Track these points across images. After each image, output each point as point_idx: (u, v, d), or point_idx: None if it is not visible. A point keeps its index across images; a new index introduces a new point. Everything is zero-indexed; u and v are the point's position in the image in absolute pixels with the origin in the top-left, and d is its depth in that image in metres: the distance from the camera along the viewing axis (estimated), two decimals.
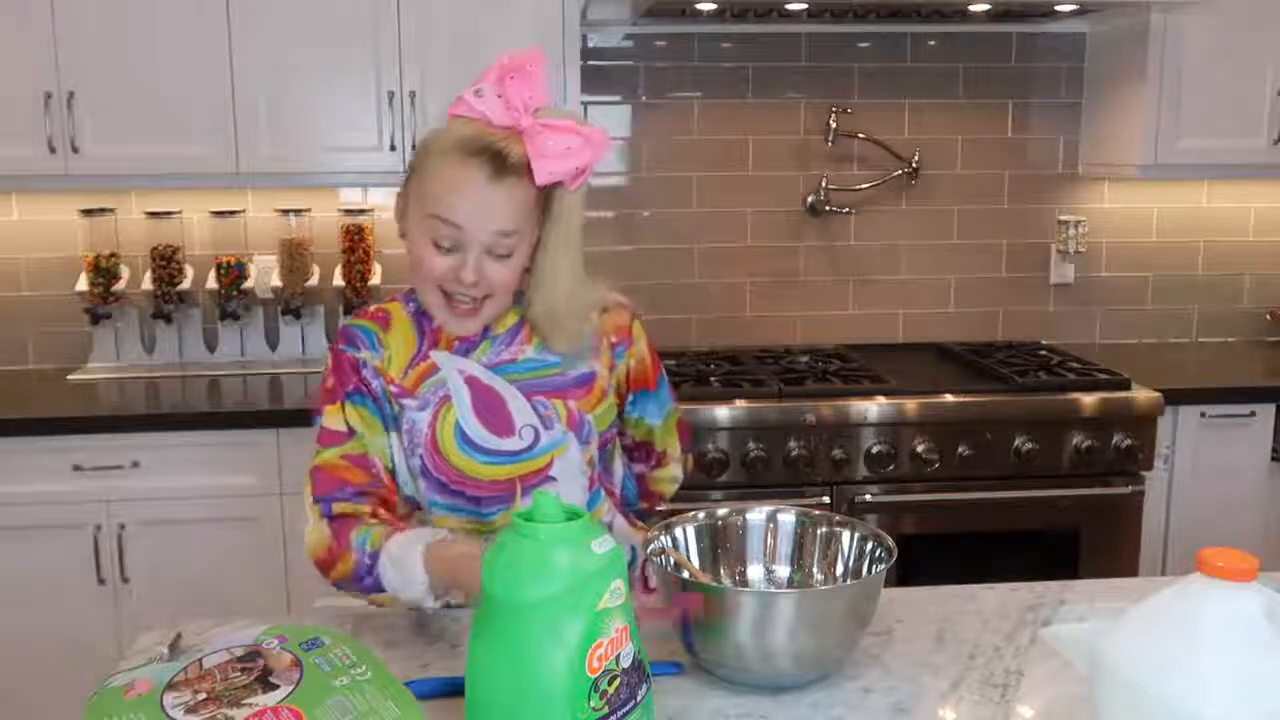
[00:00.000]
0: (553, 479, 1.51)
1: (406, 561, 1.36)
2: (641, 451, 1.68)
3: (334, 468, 1.48)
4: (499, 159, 1.38)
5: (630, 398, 1.61)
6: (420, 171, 1.45)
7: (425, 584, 1.35)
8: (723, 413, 2.65)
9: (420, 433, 1.50)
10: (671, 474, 1.71)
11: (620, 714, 1.06)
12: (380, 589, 1.41)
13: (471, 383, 1.50)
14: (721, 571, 1.43)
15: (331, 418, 1.50)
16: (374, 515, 1.46)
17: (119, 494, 2.61)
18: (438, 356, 1.51)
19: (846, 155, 3.27)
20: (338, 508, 1.46)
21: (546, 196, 1.44)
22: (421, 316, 1.53)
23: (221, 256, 3.04)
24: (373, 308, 1.56)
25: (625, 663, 1.06)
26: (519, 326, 1.54)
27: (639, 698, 1.08)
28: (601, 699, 1.04)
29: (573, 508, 1.10)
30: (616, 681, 1.05)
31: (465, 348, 1.52)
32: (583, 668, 1.02)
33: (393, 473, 1.52)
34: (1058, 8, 2.89)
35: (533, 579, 1.04)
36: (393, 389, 1.50)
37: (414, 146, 2.80)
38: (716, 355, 3.11)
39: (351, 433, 1.49)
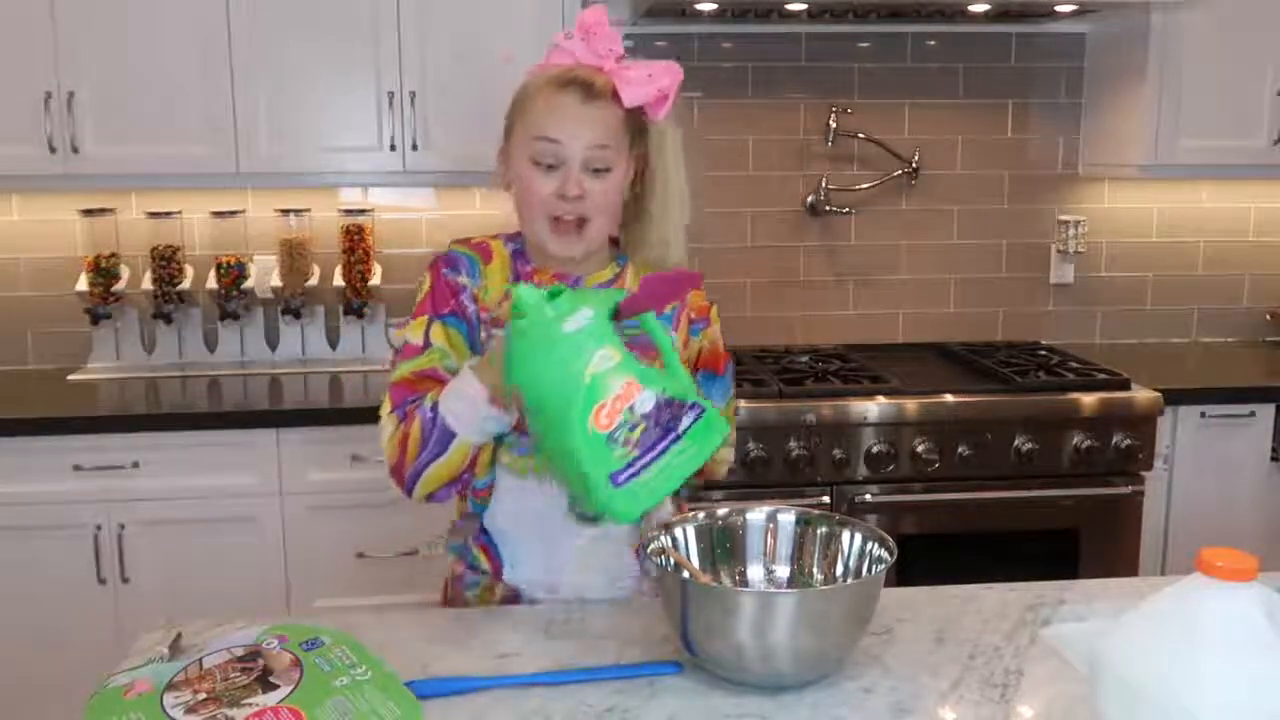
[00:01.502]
0: None
1: (461, 384, 1.42)
2: None
3: (410, 382, 1.51)
4: (588, 86, 1.49)
5: (697, 377, 1.63)
6: (520, 111, 1.54)
7: (485, 394, 1.39)
8: None
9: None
10: (725, 456, 1.73)
11: (658, 450, 1.20)
12: (447, 441, 1.43)
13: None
14: (721, 571, 1.43)
15: (415, 331, 1.54)
16: None
17: (119, 494, 2.61)
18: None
19: (846, 155, 3.27)
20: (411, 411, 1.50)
21: (641, 131, 1.53)
22: (519, 258, 1.59)
23: (221, 256, 3.04)
24: (475, 238, 1.60)
25: (645, 408, 1.19)
26: (611, 283, 1.59)
27: (680, 429, 1.21)
28: (625, 445, 1.18)
29: (554, 289, 1.25)
30: (640, 427, 1.19)
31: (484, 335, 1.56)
32: (587, 430, 1.18)
33: None
34: (1058, 8, 2.89)
35: (521, 370, 1.22)
36: (484, 316, 1.55)
37: (414, 147, 2.82)
38: None
39: (427, 346, 1.52)
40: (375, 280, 3.08)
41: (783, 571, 1.43)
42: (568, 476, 1.25)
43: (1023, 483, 2.74)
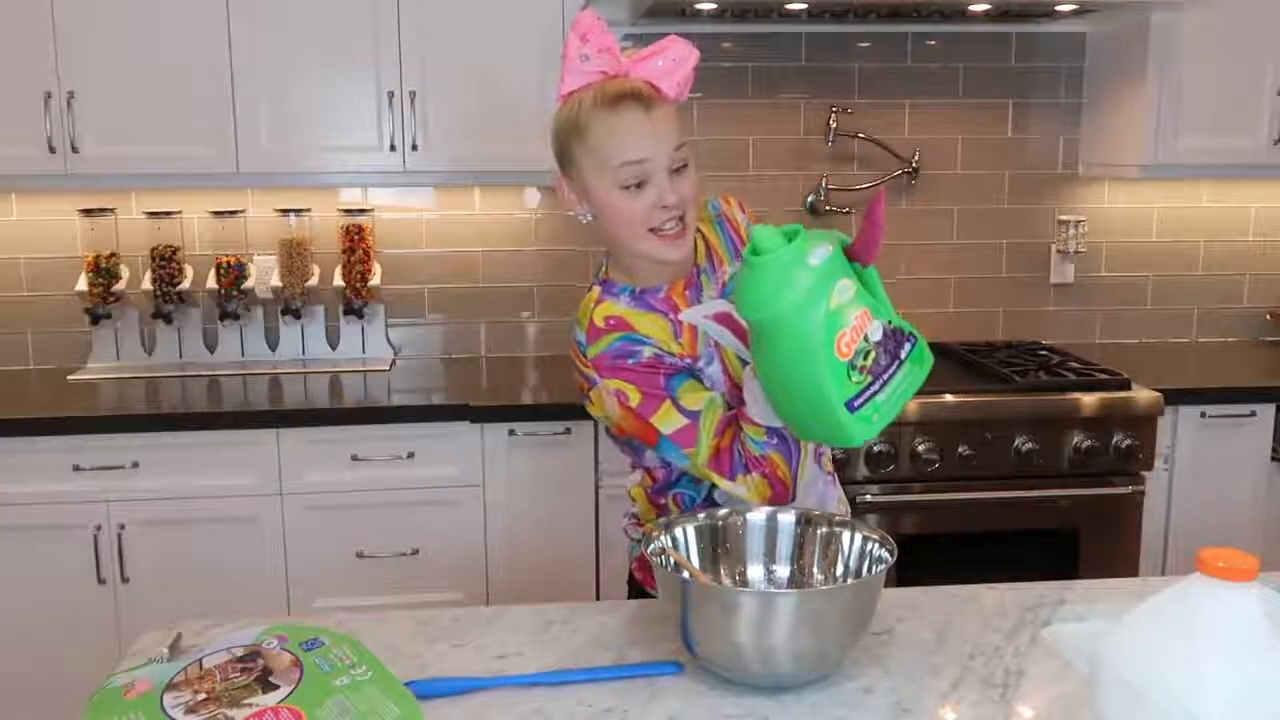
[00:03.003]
0: None
1: (751, 388, 1.44)
2: None
3: (722, 448, 1.47)
4: (638, 95, 1.46)
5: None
6: (580, 143, 1.48)
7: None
8: None
9: (720, 382, 1.54)
10: None
11: (887, 375, 1.30)
12: (793, 441, 1.46)
13: (719, 319, 1.55)
14: (721, 571, 1.43)
15: (668, 418, 1.48)
16: None
17: (119, 494, 2.62)
18: (685, 316, 1.55)
19: (846, 155, 3.27)
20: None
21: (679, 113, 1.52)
22: (645, 297, 1.54)
23: (221, 256, 3.04)
24: (598, 321, 1.52)
25: (875, 337, 1.29)
26: (707, 250, 1.60)
27: (903, 355, 1.31)
28: (861, 372, 1.28)
29: (790, 229, 1.30)
30: (872, 355, 1.28)
31: (694, 295, 1.56)
32: (833, 356, 1.26)
33: None
34: (1058, 8, 2.89)
35: (761, 305, 1.28)
36: (683, 361, 1.52)
37: (414, 147, 2.81)
38: None
39: (694, 413, 1.47)
40: (375, 280, 3.08)
41: (783, 571, 1.43)
42: (804, 406, 1.31)
43: (1023, 483, 2.74)
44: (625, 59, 1.49)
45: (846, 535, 1.41)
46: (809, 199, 3.25)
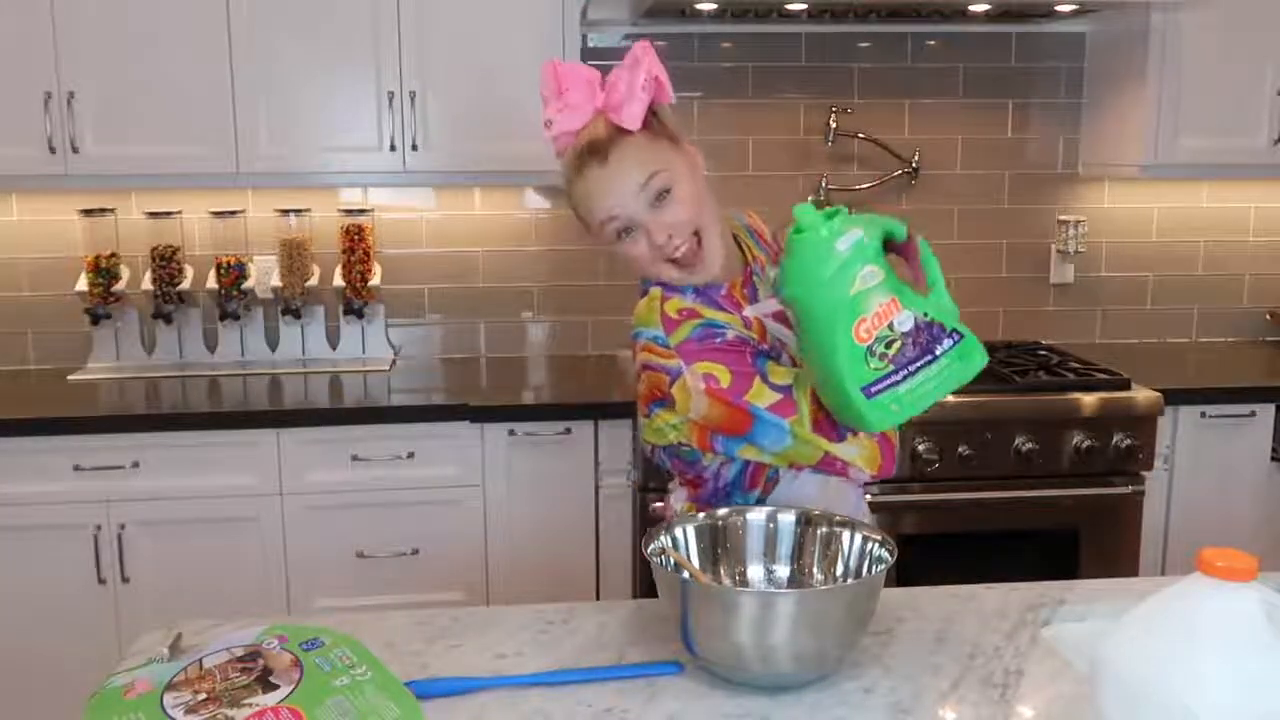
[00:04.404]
0: None
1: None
2: None
3: (822, 418, 1.42)
4: (594, 148, 1.44)
5: None
6: (574, 203, 1.50)
7: None
8: None
9: None
10: None
11: (914, 367, 1.29)
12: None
13: (779, 316, 1.53)
14: (721, 571, 1.43)
15: (764, 394, 1.43)
16: None
17: (119, 494, 2.62)
18: (750, 312, 1.54)
19: (846, 155, 3.27)
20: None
21: (667, 124, 1.49)
22: (710, 293, 1.52)
23: (221, 256, 3.04)
24: (671, 313, 1.49)
25: (904, 327, 1.29)
26: (751, 255, 1.60)
27: (938, 351, 1.30)
28: (881, 359, 1.28)
29: (831, 210, 1.31)
30: (897, 344, 1.28)
31: (751, 294, 1.55)
32: (850, 340, 1.27)
33: None
34: (1058, 8, 2.89)
35: (795, 283, 1.31)
36: (762, 345, 1.51)
37: (414, 147, 2.82)
38: None
39: (789, 387, 1.43)
40: (375, 280, 3.08)
41: (783, 571, 1.43)
42: (827, 386, 1.33)
43: (1023, 483, 2.74)
44: (601, 94, 1.44)
45: (846, 535, 1.41)
46: (809, 199, 3.25)
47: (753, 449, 1.46)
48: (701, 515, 1.45)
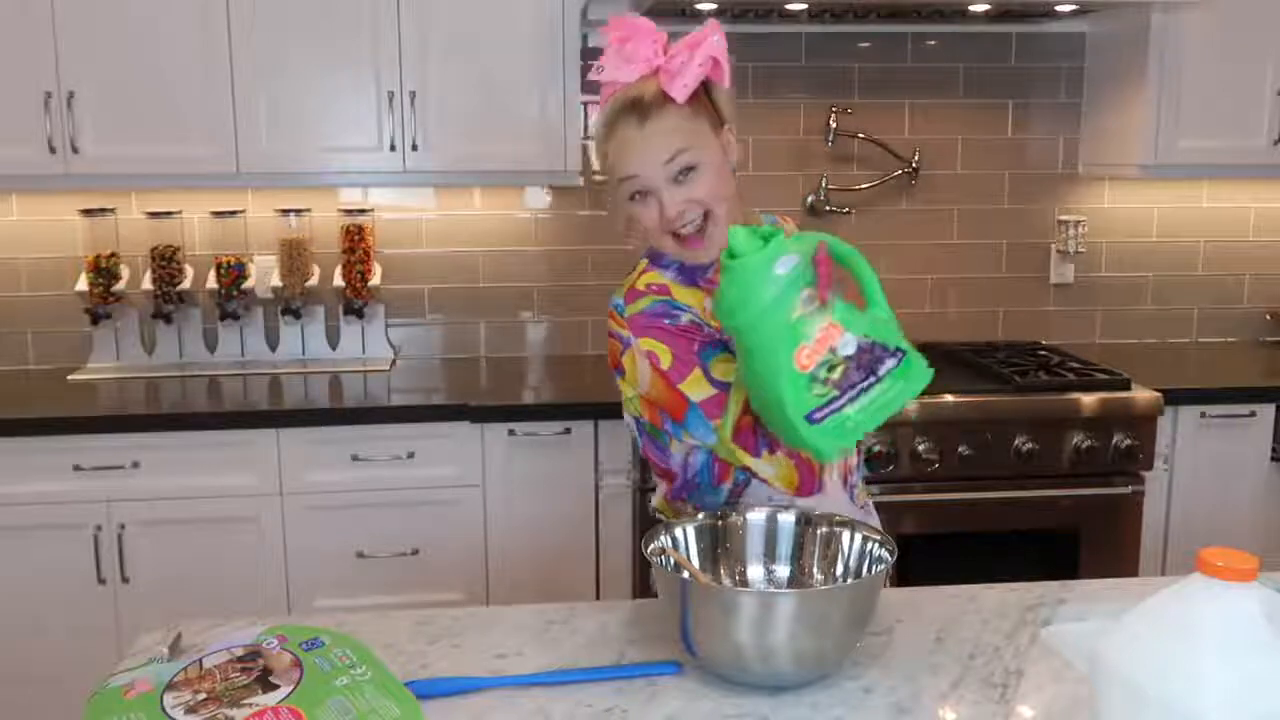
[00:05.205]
0: None
1: None
2: None
3: (745, 426, 1.43)
4: (637, 105, 1.45)
5: None
6: (601, 154, 1.51)
7: None
8: None
9: None
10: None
11: (856, 391, 1.24)
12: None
13: None
14: (721, 571, 1.43)
15: (700, 386, 1.46)
16: None
17: (119, 494, 2.62)
18: None
19: (846, 155, 3.27)
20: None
21: (717, 107, 1.51)
22: (693, 273, 1.54)
23: (221, 256, 3.04)
24: (640, 285, 1.53)
25: (846, 350, 1.24)
26: None
27: (881, 372, 1.25)
28: (825, 384, 1.24)
29: (767, 231, 1.27)
30: (840, 368, 1.24)
31: None
32: (792, 368, 1.23)
33: None
34: (1058, 8, 2.89)
35: (735, 311, 1.26)
36: (720, 334, 1.50)
37: (414, 147, 2.82)
38: None
39: (728, 385, 1.46)
40: (375, 280, 3.08)
41: (783, 571, 1.43)
42: (772, 412, 1.29)
43: (1023, 483, 2.74)
44: (661, 56, 1.47)
45: (846, 535, 1.41)
46: (809, 199, 3.25)
47: (690, 437, 1.48)
48: (701, 515, 1.45)
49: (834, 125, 3.18)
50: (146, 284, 3.02)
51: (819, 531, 1.43)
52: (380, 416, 2.70)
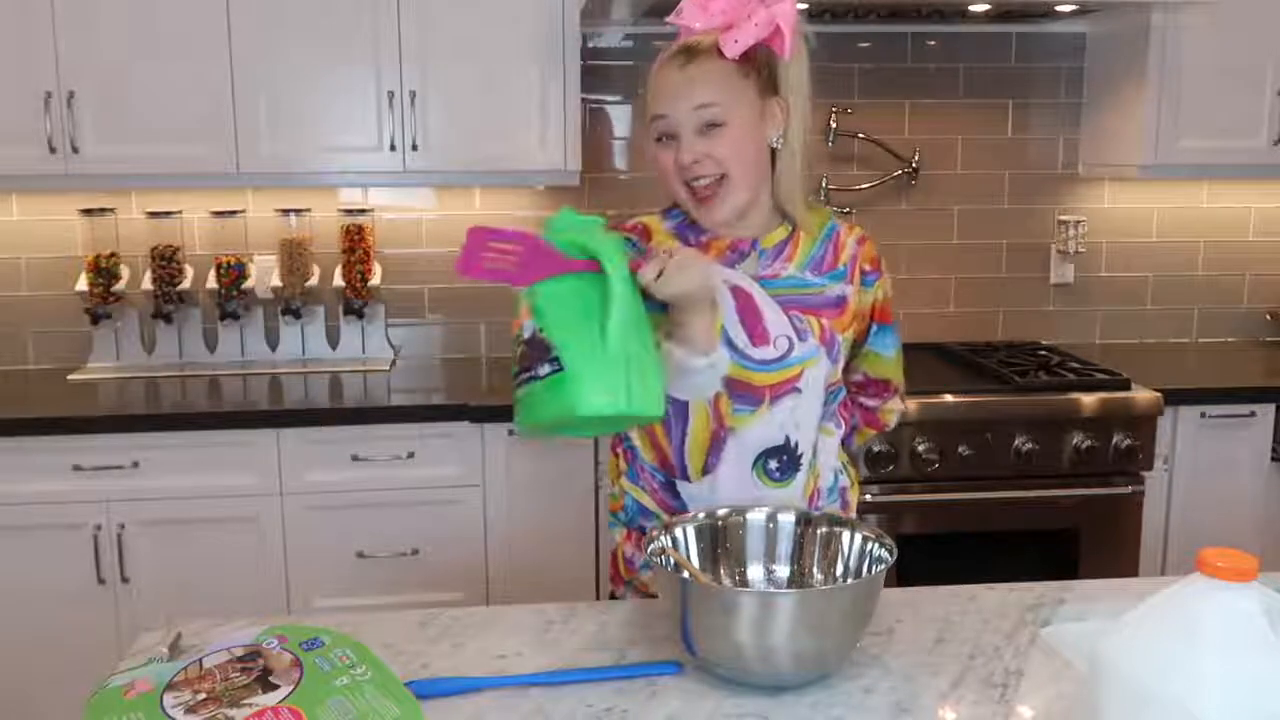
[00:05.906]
0: (799, 390, 1.54)
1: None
2: (873, 387, 1.72)
3: None
4: (688, 51, 1.49)
5: (873, 328, 1.65)
6: (646, 94, 1.55)
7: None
8: None
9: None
10: (897, 406, 1.75)
11: (524, 376, 1.31)
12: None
13: (735, 291, 1.53)
14: (721, 571, 1.43)
15: None
16: None
17: (119, 494, 2.61)
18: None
19: (846, 155, 3.27)
20: None
21: (774, 75, 1.52)
22: (686, 231, 1.56)
23: (221, 256, 3.04)
24: (629, 222, 1.58)
25: (525, 334, 1.32)
26: (785, 244, 1.58)
27: (539, 373, 1.29)
28: (517, 355, 1.34)
29: (591, 221, 1.37)
30: (521, 348, 1.33)
31: (733, 259, 1.56)
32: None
33: None
34: (1058, 8, 2.89)
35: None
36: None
37: (414, 147, 2.82)
38: None
39: None
40: (375, 280, 3.08)
41: (783, 571, 1.43)
42: None
43: (1023, 483, 2.74)
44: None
45: (846, 535, 1.41)
46: (809, 199, 3.24)
47: None
48: (701, 515, 1.45)
49: (834, 125, 3.18)
50: (146, 284, 3.02)
51: (819, 531, 1.43)
52: (380, 416, 2.70)
